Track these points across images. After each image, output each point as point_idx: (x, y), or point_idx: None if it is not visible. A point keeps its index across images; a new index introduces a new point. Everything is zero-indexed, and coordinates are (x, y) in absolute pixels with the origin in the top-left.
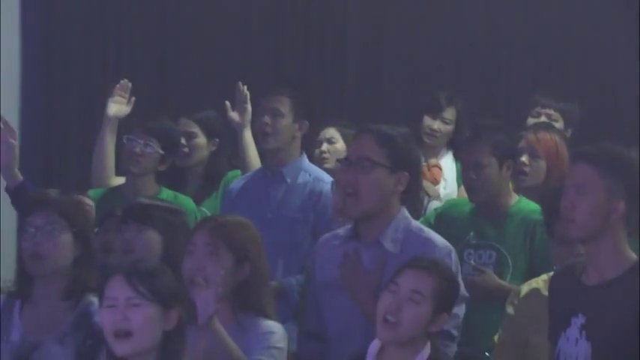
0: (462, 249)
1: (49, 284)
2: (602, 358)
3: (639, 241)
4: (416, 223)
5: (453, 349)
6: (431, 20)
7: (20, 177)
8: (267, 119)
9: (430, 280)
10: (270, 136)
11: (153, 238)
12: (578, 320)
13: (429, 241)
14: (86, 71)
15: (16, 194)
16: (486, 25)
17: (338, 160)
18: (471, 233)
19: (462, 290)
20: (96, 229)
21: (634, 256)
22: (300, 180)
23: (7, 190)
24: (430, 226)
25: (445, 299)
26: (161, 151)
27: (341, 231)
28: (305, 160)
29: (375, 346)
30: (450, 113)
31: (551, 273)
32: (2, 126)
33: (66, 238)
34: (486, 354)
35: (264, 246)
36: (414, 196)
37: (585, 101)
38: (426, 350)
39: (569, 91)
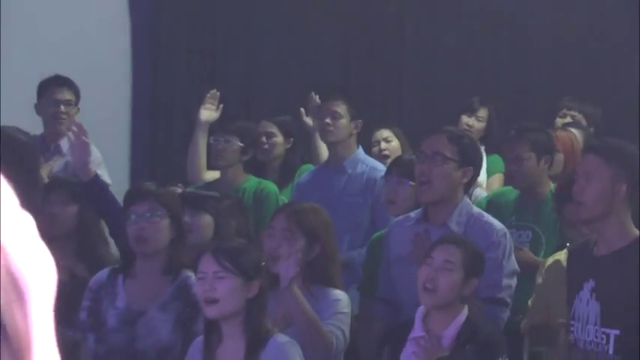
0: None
1: (150, 261)
2: (609, 316)
3: None
4: (476, 209)
5: (506, 314)
6: (477, 39)
7: (93, 172)
8: (328, 120)
9: (459, 251)
10: (332, 134)
11: (206, 220)
12: (589, 284)
13: (488, 224)
14: (187, 80)
15: (89, 187)
16: (524, 42)
17: (414, 153)
18: (513, 216)
19: (515, 265)
20: None
21: (636, 231)
22: (358, 170)
23: (80, 182)
24: (483, 209)
25: (473, 267)
26: (240, 144)
27: (412, 214)
28: (361, 152)
29: (420, 312)
30: (482, 113)
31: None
32: (76, 128)
33: (163, 223)
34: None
35: (335, 227)
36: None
37: (610, 104)
38: (463, 314)
39: (596, 95)
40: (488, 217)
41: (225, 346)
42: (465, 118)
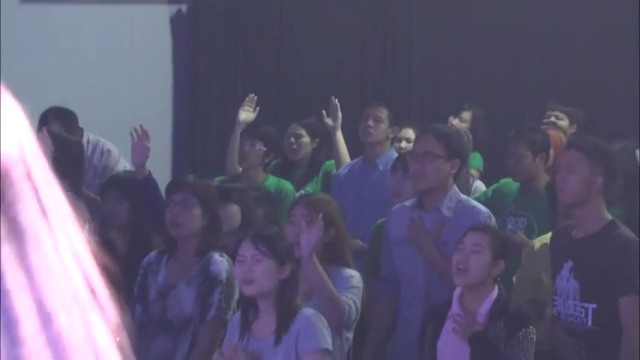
0: (506, 216)
1: (185, 244)
2: (586, 292)
3: (619, 209)
4: (463, 196)
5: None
6: (476, 47)
7: (147, 171)
8: (370, 123)
9: (486, 236)
10: (371, 135)
11: (233, 209)
12: (568, 265)
13: (474, 208)
14: (224, 86)
15: (143, 184)
16: (518, 51)
17: (407, 153)
18: (512, 205)
19: None
20: None
21: (609, 216)
22: (389, 167)
23: (136, 180)
24: (487, 198)
25: (499, 250)
26: (264, 148)
27: (407, 203)
28: (394, 152)
29: (457, 292)
30: (466, 115)
31: None
32: (140, 132)
33: (195, 211)
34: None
35: (367, 215)
36: (461, 176)
37: (590, 105)
38: (495, 292)
39: (578, 98)
40: (474, 202)
41: (260, 320)
42: (451, 119)
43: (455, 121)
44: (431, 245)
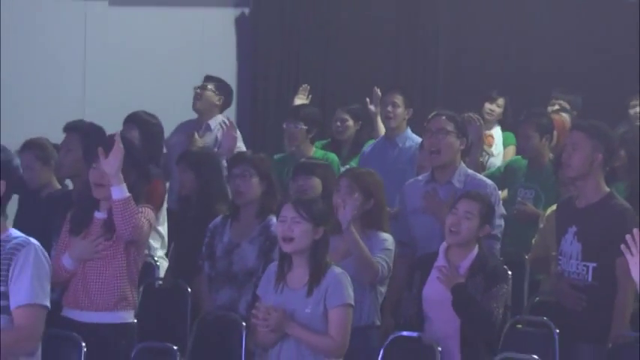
0: (517, 188)
1: (247, 208)
2: (587, 253)
3: (623, 184)
4: (471, 170)
5: (498, 245)
6: (495, 46)
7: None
8: (389, 108)
9: (477, 204)
10: (392, 120)
11: (316, 183)
12: (572, 229)
13: (482, 181)
14: (281, 77)
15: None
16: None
17: (425, 132)
18: (523, 178)
19: (503, 210)
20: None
21: (607, 189)
22: (407, 144)
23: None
24: (501, 174)
25: (487, 216)
26: (305, 127)
27: (420, 177)
28: (409, 131)
29: (443, 246)
30: (501, 101)
31: None
32: (228, 123)
33: (254, 180)
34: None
35: (388, 185)
36: (471, 152)
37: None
38: (476, 249)
39: (578, 86)
40: (481, 176)
41: (294, 273)
42: (487, 105)
43: (493, 107)
44: (443, 212)
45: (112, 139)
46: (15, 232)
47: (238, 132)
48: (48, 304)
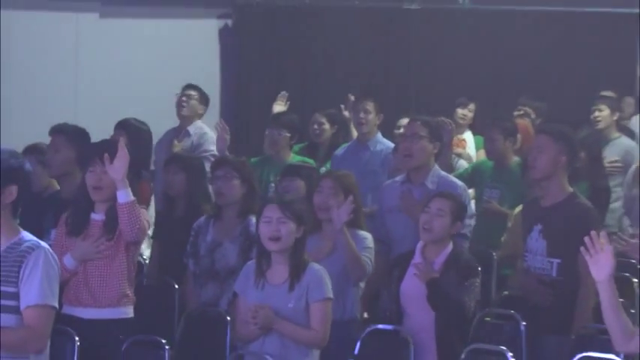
0: (483, 188)
1: (229, 209)
2: (552, 249)
3: (585, 184)
4: (443, 172)
5: (467, 243)
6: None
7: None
8: (361, 115)
9: (448, 202)
10: (364, 126)
11: (299, 184)
12: (538, 227)
13: (453, 182)
14: (262, 84)
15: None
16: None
17: (399, 135)
18: (489, 179)
19: (473, 210)
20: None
21: (570, 189)
22: (378, 148)
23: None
24: (468, 174)
25: (458, 214)
26: (288, 134)
27: (397, 178)
28: (380, 135)
29: (420, 244)
30: (472, 106)
31: None
32: (220, 125)
33: (236, 183)
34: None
35: (360, 186)
36: (442, 156)
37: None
38: (450, 246)
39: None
40: (452, 177)
41: (274, 270)
42: (459, 111)
43: (465, 112)
44: (417, 211)
45: (116, 145)
46: (27, 236)
47: (214, 136)
48: (56, 304)
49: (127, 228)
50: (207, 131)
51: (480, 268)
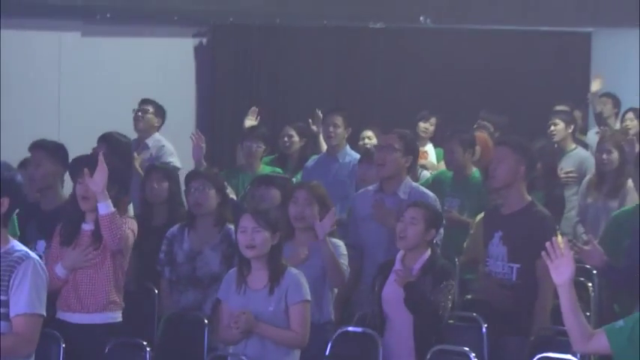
0: (443, 198)
1: (204, 218)
2: (512, 255)
3: (541, 193)
4: (415, 183)
5: (437, 250)
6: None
7: (204, 164)
8: (330, 129)
9: (421, 211)
10: (333, 139)
11: (275, 193)
12: (498, 234)
13: (424, 193)
14: (235, 99)
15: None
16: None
17: (374, 146)
18: (449, 188)
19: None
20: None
21: (529, 197)
22: (346, 160)
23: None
24: (429, 185)
25: (431, 221)
26: (263, 146)
27: (370, 187)
28: (348, 148)
29: (400, 254)
30: (433, 120)
31: None
32: (196, 135)
33: (210, 193)
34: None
35: (330, 195)
36: (413, 168)
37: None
38: (427, 253)
39: (502, 108)
40: (423, 188)
41: (254, 275)
42: (422, 124)
43: (426, 125)
44: (392, 220)
45: (96, 159)
46: (17, 245)
47: (172, 147)
48: (44, 312)
49: (108, 237)
50: (164, 144)
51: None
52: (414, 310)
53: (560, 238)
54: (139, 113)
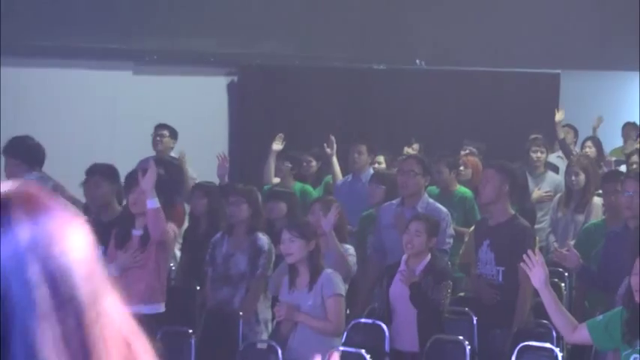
0: None
1: (238, 227)
2: (498, 259)
3: (515, 207)
4: (430, 199)
5: (447, 257)
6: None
7: (226, 180)
8: (356, 155)
9: (423, 223)
10: (357, 163)
11: (282, 206)
12: (487, 242)
13: (438, 208)
14: (263, 128)
15: (223, 190)
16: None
17: (398, 170)
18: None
19: (451, 231)
20: None
21: (512, 211)
22: (368, 180)
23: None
24: None
25: (432, 231)
26: (290, 166)
27: (394, 202)
28: (370, 170)
29: (404, 257)
30: (415, 146)
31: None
32: (221, 156)
33: (243, 206)
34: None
35: (355, 210)
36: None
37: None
38: (428, 257)
39: (482, 136)
40: (437, 204)
41: (299, 277)
42: (405, 149)
43: (409, 150)
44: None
45: (148, 164)
46: None
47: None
48: None
49: (152, 228)
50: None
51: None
52: (419, 306)
53: (535, 250)
54: (157, 138)
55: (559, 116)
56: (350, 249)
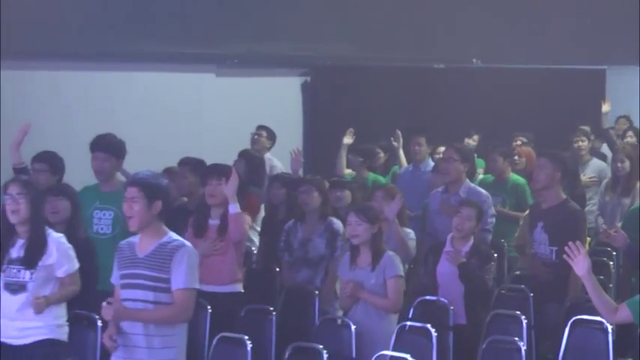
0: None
1: (312, 213)
2: (551, 240)
3: (566, 192)
4: (472, 184)
5: (490, 236)
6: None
7: (300, 174)
8: (416, 147)
9: (474, 210)
10: (418, 154)
11: (347, 194)
12: (541, 224)
13: (479, 192)
14: (334, 123)
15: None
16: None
17: (441, 158)
18: (492, 189)
19: (493, 211)
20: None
21: (564, 196)
22: (427, 169)
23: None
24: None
25: (480, 216)
26: (361, 159)
27: (439, 189)
28: (430, 160)
29: (449, 237)
30: (476, 137)
31: None
32: (295, 151)
33: (314, 194)
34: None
35: (416, 196)
36: (470, 173)
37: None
38: (472, 239)
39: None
40: (479, 188)
41: (361, 257)
42: (466, 140)
43: (470, 141)
44: (454, 213)
45: (230, 170)
46: (173, 235)
47: (279, 163)
48: (198, 286)
49: (233, 231)
50: (275, 164)
51: (495, 255)
52: (468, 283)
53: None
54: (255, 137)
55: (605, 107)
56: (411, 233)
